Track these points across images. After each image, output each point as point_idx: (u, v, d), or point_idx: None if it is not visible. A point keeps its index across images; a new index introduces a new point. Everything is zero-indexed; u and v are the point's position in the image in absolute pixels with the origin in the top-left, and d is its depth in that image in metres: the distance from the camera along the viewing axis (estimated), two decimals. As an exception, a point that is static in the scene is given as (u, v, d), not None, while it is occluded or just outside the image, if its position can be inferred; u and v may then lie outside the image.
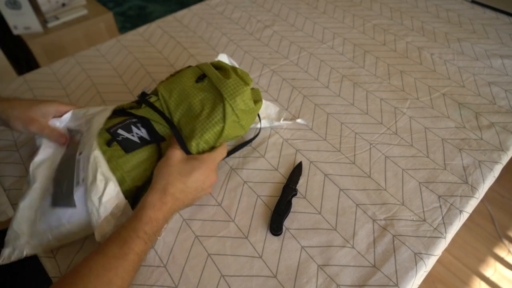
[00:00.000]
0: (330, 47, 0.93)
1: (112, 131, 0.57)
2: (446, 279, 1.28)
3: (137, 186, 0.55)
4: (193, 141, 0.56)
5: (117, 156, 0.54)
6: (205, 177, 0.54)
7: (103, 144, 0.55)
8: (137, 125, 0.59)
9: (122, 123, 0.58)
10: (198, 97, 0.60)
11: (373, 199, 0.60)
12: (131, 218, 0.47)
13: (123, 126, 0.58)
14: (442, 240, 0.55)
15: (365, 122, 0.73)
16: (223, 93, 0.59)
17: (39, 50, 1.65)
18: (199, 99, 0.60)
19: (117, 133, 0.56)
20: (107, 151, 0.54)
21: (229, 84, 0.60)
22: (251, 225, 0.57)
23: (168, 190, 0.50)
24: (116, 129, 0.57)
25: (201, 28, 1.00)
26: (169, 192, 0.50)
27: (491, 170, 0.64)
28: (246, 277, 0.51)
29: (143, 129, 0.59)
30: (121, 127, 0.57)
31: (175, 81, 0.63)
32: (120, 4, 2.57)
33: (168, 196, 0.49)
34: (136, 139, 0.57)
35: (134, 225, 0.46)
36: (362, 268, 0.52)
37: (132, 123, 0.58)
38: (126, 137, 0.57)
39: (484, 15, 1.04)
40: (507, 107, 0.76)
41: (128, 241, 0.44)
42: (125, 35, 0.98)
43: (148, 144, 0.57)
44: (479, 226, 1.42)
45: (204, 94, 0.61)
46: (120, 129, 0.57)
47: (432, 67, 0.86)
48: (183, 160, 0.53)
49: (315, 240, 0.55)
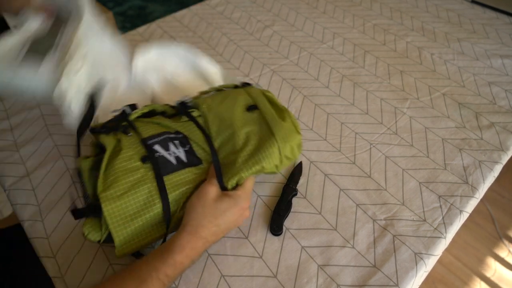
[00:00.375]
0: (330, 47, 0.93)
1: (148, 144, 0.51)
2: (446, 279, 1.28)
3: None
4: (232, 178, 0.51)
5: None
6: (238, 216, 0.50)
7: (138, 159, 0.50)
8: (174, 142, 0.53)
9: (159, 137, 0.52)
10: (245, 129, 0.55)
11: (373, 199, 0.60)
12: (155, 256, 0.44)
13: (160, 141, 0.52)
14: (442, 240, 0.55)
15: (365, 122, 0.73)
16: (275, 134, 0.54)
17: (39, 50, 1.65)
18: (246, 131, 0.55)
19: (154, 149, 0.51)
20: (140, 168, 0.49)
21: (284, 127, 0.56)
22: (251, 225, 0.57)
23: (200, 234, 0.46)
24: (153, 144, 0.51)
25: (201, 28, 1.00)
26: (201, 236, 0.46)
27: (491, 170, 0.64)
28: (246, 277, 0.51)
29: (180, 148, 0.53)
30: (159, 142, 0.52)
31: (221, 102, 0.58)
32: (120, 4, 2.57)
33: (199, 241, 0.46)
34: (173, 160, 0.52)
35: (157, 265, 0.43)
36: (363, 268, 0.52)
37: (170, 139, 0.53)
38: (162, 155, 0.51)
39: (484, 15, 1.04)
40: (507, 107, 0.76)
41: (148, 280, 0.41)
42: (125, 35, 0.98)
43: (184, 168, 0.52)
44: (479, 226, 1.42)
45: (252, 127, 0.56)
46: (157, 144, 0.52)
47: (432, 67, 0.86)
48: (217, 198, 0.49)
49: (315, 240, 0.55)
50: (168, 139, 0.53)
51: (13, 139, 0.70)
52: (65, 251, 0.53)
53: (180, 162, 0.52)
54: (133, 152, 0.50)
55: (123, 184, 0.48)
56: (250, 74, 0.84)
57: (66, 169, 0.64)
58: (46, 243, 0.54)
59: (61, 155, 0.66)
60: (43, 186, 0.62)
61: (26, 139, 0.69)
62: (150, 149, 0.51)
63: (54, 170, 0.64)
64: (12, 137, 0.70)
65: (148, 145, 0.51)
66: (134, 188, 0.48)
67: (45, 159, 0.66)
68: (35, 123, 0.72)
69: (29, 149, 0.68)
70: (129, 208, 0.47)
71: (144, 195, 0.48)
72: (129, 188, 0.48)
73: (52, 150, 0.67)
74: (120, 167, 0.49)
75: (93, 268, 0.52)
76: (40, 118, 0.73)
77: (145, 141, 0.51)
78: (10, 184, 0.62)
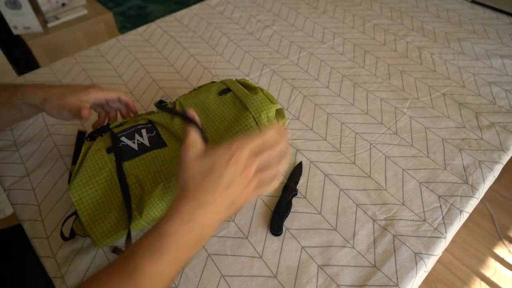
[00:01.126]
0: (330, 47, 0.93)
1: (116, 137, 0.56)
2: (446, 279, 1.28)
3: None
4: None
5: None
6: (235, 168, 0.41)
7: (104, 150, 0.55)
8: (141, 131, 0.58)
9: (129, 130, 0.57)
10: (220, 109, 0.61)
11: (373, 199, 0.60)
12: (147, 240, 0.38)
13: (128, 133, 0.57)
14: (442, 240, 0.55)
15: (365, 122, 0.73)
16: (248, 106, 0.59)
17: (39, 50, 1.65)
18: (220, 111, 0.60)
19: (120, 140, 0.56)
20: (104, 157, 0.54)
21: (255, 99, 0.60)
22: (251, 225, 0.57)
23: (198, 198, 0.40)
24: (121, 136, 0.56)
25: (201, 28, 1.00)
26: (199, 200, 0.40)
27: (491, 170, 0.64)
28: (246, 277, 0.51)
29: (145, 135, 0.58)
30: (126, 135, 0.57)
31: (197, 95, 0.63)
32: (120, 4, 2.57)
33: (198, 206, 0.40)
34: (136, 147, 0.56)
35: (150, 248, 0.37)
36: (362, 268, 0.52)
37: (137, 130, 0.58)
38: (126, 144, 0.56)
39: (484, 15, 1.04)
40: (507, 107, 0.76)
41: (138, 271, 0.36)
42: (125, 35, 0.98)
43: (145, 152, 0.56)
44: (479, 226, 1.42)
45: (226, 107, 0.61)
46: (124, 136, 0.57)
47: (432, 67, 0.86)
48: (199, 156, 0.43)
49: (315, 240, 0.55)
50: (135, 130, 0.57)
51: (13, 139, 0.70)
52: (65, 251, 0.53)
53: (142, 147, 0.56)
54: (101, 145, 0.55)
55: (88, 173, 0.53)
56: (250, 74, 0.84)
57: (66, 169, 0.64)
58: (46, 243, 0.54)
59: (61, 155, 0.66)
60: (43, 186, 0.62)
61: (26, 139, 0.69)
62: (116, 140, 0.55)
63: (54, 170, 0.64)
64: (12, 137, 0.70)
65: (115, 138, 0.56)
66: (98, 175, 0.52)
67: (45, 159, 0.66)
68: (35, 123, 0.72)
69: (29, 149, 0.68)
70: (94, 194, 0.52)
71: (107, 181, 0.52)
72: (93, 175, 0.52)
73: (52, 150, 0.67)
74: (88, 160, 0.54)
75: (93, 268, 0.52)
76: (40, 118, 0.73)
77: (114, 135, 0.56)
78: (10, 184, 0.62)
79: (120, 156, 0.54)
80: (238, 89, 0.63)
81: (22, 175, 0.63)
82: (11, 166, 0.65)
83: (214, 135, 0.58)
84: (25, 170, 0.64)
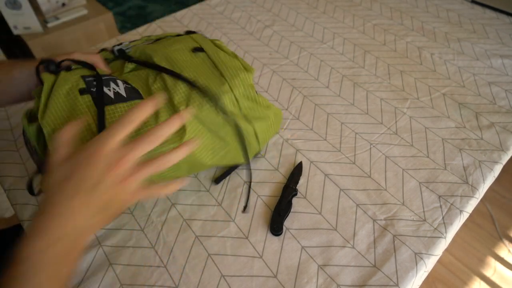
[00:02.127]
0: (330, 47, 0.93)
1: (87, 80, 0.50)
2: (446, 279, 1.28)
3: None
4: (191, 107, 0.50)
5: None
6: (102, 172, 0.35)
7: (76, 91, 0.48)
8: (117, 81, 0.52)
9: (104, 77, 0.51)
10: (192, 68, 0.54)
11: (373, 199, 0.60)
12: None
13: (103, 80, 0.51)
14: (442, 240, 0.55)
15: (365, 122, 0.73)
16: (224, 73, 0.54)
17: (39, 50, 1.65)
18: (192, 71, 0.54)
19: (92, 84, 0.49)
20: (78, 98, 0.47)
21: (231, 67, 0.55)
22: (251, 225, 0.57)
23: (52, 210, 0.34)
24: (92, 80, 0.50)
25: (201, 28, 1.00)
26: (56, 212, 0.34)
27: (491, 170, 0.64)
28: (247, 277, 0.51)
29: (121, 85, 0.51)
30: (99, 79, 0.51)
31: (166, 46, 0.56)
32: (120, 4, 2.57)
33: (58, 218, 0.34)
34: (111, 94, 0.49)
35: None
36: (363, 268, 0.52)
37: (112, 80, 0.51)
38: (100, 90, 0.49)
39: (484, 15, 1.04)
40: (507, 107, 0.76)
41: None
42: (125, 35, 0.98)
43: (123, 102, 0.49)
44: (479, 226, 1.42)
45: (200, 68, 0.55)
46: (96, 81, 0.50)
47: (432, 67, 0.86)
48: (64, 160, 0.37)
49: (316, 240, 0.55)
50: (110, 79, 0.51)
51: (13, 139, 0.70)
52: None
53: (119, 96, 0.49)
54: (71, 85, 0.49)
55: (60, 112, 0.46)
56: (250, 74, 0.84)
57: (66, 169, 0.64)
58: (46, 243, 0.54)
59: (61, 155, 0.66)
60: (43, 186, 0.62)
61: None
62: (90, 84, 0.49)
63: (54, 170, 0.64)
64: (12, 137, 0.70)
65: (87, 81, 0.50)
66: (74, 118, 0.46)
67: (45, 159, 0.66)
68: (35, 123, 0.72)
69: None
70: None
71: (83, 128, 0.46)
72: (67, 117, 0.46)
73: (52, 150, 0.67)
74: (57, 96, 0.47)
75: (93, 269, 0.52)
76: (40, 118, 0.73)
77: (85, 77, 0.50)
78: (10, 184, 0.62)
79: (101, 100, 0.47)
80: (212, 52, 0.57)
81: (22, 175, 0.63)
82: (11, 166, 0.65)
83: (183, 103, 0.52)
84: (25, 170, 0.64)
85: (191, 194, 0.60)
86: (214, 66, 0.56)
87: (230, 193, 0.61)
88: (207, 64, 0.56)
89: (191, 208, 0.59)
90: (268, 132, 0.60)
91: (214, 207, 0.59)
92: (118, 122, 0.36)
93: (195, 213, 0.58)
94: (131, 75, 0.56)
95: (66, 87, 0.48)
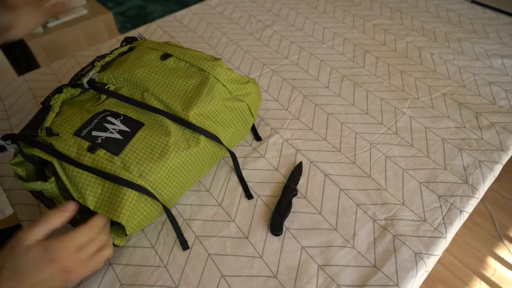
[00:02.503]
0: (330, 47, 0.93)
1: (84, 135, 0.48)
2: (446, 279, 1.28)
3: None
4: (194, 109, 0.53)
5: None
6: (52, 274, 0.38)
7: (86, 151, 0.47)
8: (107, 119, 0.50)
9: (91, 124, 0.50)
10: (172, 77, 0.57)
11: (373, 199, 0.60)
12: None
13: (95, 127, 0.49)
14: (443, 240, 0.55)
15: (365, 122, 0.73)
16: (203, 67, 0.58)
17: (39, 50, 1.65)
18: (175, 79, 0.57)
19: (94, 136, 0.48)
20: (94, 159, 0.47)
21: (204, 58, 0.59)
22: (251, 225, 0.57)
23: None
24: (90, 131, 0.48)
25: (201, 28, 1.00)
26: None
27: (491, 170, 0.64)
28: (247, 277, 0.51)
29: (116, 121, 0.50)
30: (94, 128, 0.49)
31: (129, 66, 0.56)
32: (120, 4, 2.57)
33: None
34: (117, 135, 0.49)
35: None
36: (363, 268, 0.52)
37: (102, 120, 0.50)
38: (105, 137, 0.49)
39: (484, 15, 1.04)
40: (507, 107, 0.76)
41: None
42: (125, 35, 0.98)
43: (132, 138, 0.50)
44: (479, 226, 1.42)
45: (178, 74, 0.57)
46: (94, 130, 0.49)
47: (432, 67, 0.86)
48: (29, 247, 0.39)
49: (316, 240, 0.55)
50: (100, 121, 0.50)
51: (13, 139, 0.70)
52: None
53: (125, 133, 0.49)
54: (76, 148, 0.47)
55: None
56: (250, 74, 0.84)
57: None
58: (46, 243, 0.54)
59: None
60: (43, 186, 0.61)
61: (26, 139, 0.69)
62: (90, 137, 0.48)
63: (54, 170, 0.64)
64: (12, 137, 0.70)
65: (85, 135, 0.48)
66: None
67: (45, 159, 0.66)
68: (35, 123, 0.72)
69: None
70: None
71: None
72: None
73: (52, 150, 0.67)
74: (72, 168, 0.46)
75: (93, 268, 0.51)
76: (40, 118, 0.73)
77: (79, 134, 0.48)
78: (10, 184, 0.62)
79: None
80: (180, 53, 0.59)
81: (22, 175, 0.63)
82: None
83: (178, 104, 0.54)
84: (25, 170, 0.64)
85: (191, 194, 0.60)
86: (190, 65, 0.58)
87: (230, 193, 0.61)
88: (181, 66, 0.59)
89: (191, 208, 0.59)
90: (256, 102, 0.65)
91: (214, 207, 0.59)
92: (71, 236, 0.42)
93: (195, 213, 0.58)
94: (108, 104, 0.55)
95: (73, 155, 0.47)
